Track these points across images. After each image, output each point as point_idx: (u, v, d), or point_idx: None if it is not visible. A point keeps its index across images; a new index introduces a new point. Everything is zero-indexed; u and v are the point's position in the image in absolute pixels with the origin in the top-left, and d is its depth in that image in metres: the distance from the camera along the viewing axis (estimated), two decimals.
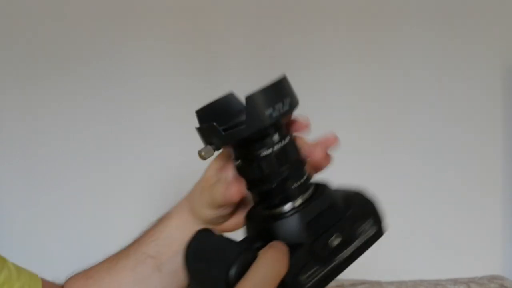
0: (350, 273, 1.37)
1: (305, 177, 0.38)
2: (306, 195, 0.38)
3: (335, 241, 0.36)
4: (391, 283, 1.15)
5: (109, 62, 1.18)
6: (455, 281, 1.15)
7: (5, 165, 1.17)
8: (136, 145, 1.17)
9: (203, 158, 0.37)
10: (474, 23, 1.21)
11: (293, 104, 0.38)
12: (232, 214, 0.46)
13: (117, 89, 1.18)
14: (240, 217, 0.44)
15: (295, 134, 0.41)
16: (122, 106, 1.18)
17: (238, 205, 0.45)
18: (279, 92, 0.36)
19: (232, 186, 0.40)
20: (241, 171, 0.38)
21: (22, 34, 1.18)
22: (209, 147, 0.36)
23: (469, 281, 1.15)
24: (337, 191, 0.39)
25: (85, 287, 0.52)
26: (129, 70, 1.18)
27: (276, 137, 0.37)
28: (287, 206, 0.37)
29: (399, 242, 1.22)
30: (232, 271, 0.31)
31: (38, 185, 1.18)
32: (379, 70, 1.21)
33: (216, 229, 0.40)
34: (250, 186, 0.39)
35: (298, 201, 0.37)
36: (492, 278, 1.16)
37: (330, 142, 0.41)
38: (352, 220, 0.37)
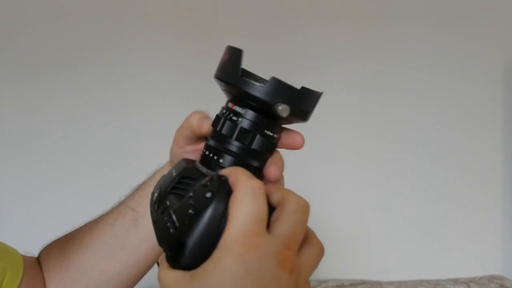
0: (350, 273, 1.38)
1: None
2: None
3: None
4: (391, 283, 1.15)
5: (108, 62, 1.18)
6: (455, 281, 1.15)
7: (5, 165, 1.17)
8: (135, 144, 1.17)
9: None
10: (474, 23, 1.21)
11: (305, 118, 0.38)
12: None
13: (117, 89, 1.18)
14: None
15: (280, 148, 0.39)
16: (121, 105, 1.18)
17: None
18: (308, 102, 0.38)
19: (207, 119, 0.39)
20: (217, 119, 0.37)
21: (21, 34, 1.18)
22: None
23: (469, 281, 1.15)
24: None
25: (63, 249, 0.51)
26: (129, 70, 1.18)
27: (266, 123, 0.36)
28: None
29: (399, 242, 1.22)
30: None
31: (38, 185, 1.18)
32: (379, 70, 1.21)
33: None
34: (209, 136, 0.38)
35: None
36: (492, 278, 1.16)
37: (293, 144, 0.38)
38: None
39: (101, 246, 0.50)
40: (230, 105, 0.37)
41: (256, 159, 0.37)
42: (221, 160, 0.36)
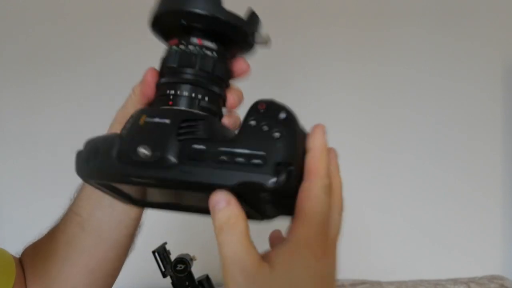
0: (350, 273, 1.38)
1: (207, 98, 0.34)
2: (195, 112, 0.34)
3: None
4: (391, 283, 1.15)
5: (108, 62, 1.18)
6: (455, 281, 1.15)
7: (5, 165, 1.17)
8: None
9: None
10: (474, 23, 1.21)
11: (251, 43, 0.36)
12: None
13: (117, 89, 1.18)
14: None
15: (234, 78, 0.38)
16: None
17: None
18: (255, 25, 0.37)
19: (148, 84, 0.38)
20: (163, 60, 0.36)
21: (21, 34, 1.18)
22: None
23: (469, 281, 1.15)
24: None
25: (33, 257, 0.51)
26: (129, 70, 1.17)
27: (213, 45, 0.35)
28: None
29: (399, 242, 1.22)
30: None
31: (38, 185, 1.18)
32: (379, 70, 1.21)
33: None
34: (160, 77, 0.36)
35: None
36: (492, 278, 1.16)
37: (241, 71, 0.38)
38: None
39: (58, 254, 0.49)
40: (197, 40, 0.34)
41: (218, 86, 0.35)
42: (184, 93, 0.33)
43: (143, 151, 0.29)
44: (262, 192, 0.28)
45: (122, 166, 0.30)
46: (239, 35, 0.35)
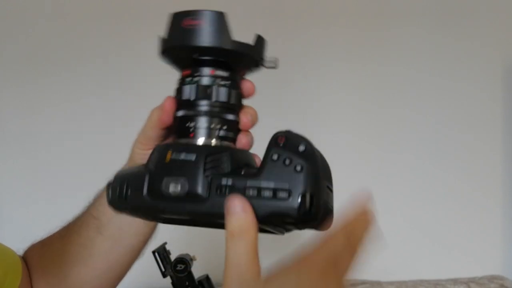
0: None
1: (225, 127, 0.37)
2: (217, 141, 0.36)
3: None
4: (391, 283, 1.15)
5: (108, 62, 1.18)
6: (455, 281, 1.15)
7: (5, 165, 1.17)
8: None
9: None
10: (474, 23, 1.21)
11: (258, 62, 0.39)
12: None
13: (117, 89, 1.18)
14: None
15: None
16: (122, 105, 1.18)
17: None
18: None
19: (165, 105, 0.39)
20: (179, 91, 0.38)
21: (21, 34, 1.18)
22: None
23: (469, 281, 1.15)
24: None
25: (40, 255, 0.52)
26: (129, 70, 1.18)
27: (225, 73, 0.37)
28: (199, 141, 0.36)
29: (399, 242, 1.22)
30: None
31: (38, 185, 1.18)
32: (379, 70, 1.21)
33: None
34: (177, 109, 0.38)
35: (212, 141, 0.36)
36: (492, 278, 1.16)
37: (248, 91, 0.39)
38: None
39: (71, 255, 0.50)
40: (210, 71, 0.36)
41: (233, 113, 0.37)
42: (204, 124, 0.36)
43: (173, 188, 0.32)
44: (288, 221, 0.31)
45: (154, 203, 0.33)
46: (248, 61, 0.38)
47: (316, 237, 0.31)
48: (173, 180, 0.32)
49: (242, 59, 0.37)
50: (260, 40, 0.39)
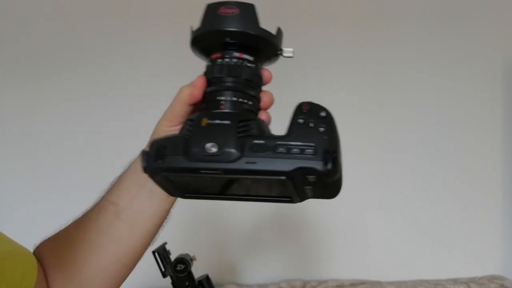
0: (350, 273, 1.38)
1: (250, 102, 0.42)
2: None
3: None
4: (391, 283, 1.15)
5: (108, 62, 1.18)
6: (455, 281, 1.15)
7: (5, 165, 1.17)
8: (136, 144, 1.17)
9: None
10: (474, 23, 1.21)
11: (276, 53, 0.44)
12: None
13: (117, 89, 1.18)
14: None
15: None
16: (122, 105, 1.18)
17: None
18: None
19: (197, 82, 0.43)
20: (209, 70, 0.43)
21: (21, 34, 1.18)
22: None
23: (469, 281, 1.15)
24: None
25: (54, 248, 0.52)
26: (129, 70, 1.18)
27: (251, 58, 0.42)
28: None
29: (399, 242, 1.22)
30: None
31: (38, 185, 1.18)
32: (379, 70, 1.21)
33: None
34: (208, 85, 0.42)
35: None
36: (492, 278, 1.16)
37: (265, 79, 0.45)
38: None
39: (88, 242, 0.50)
40: (238, 54, 0.41)
41: (256, 91, 0.43)
42: (233, 98, 0.40)
43: (210, 147, 0.35)
44: (314, 175, 0.35)
45: (191, 163, 0.36)
46: (271, 48, 0.43)
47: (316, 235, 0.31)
48: (211, 140, 0.36)
49: (266, 45, 0.42)
50: (280, 32, 0.43)
